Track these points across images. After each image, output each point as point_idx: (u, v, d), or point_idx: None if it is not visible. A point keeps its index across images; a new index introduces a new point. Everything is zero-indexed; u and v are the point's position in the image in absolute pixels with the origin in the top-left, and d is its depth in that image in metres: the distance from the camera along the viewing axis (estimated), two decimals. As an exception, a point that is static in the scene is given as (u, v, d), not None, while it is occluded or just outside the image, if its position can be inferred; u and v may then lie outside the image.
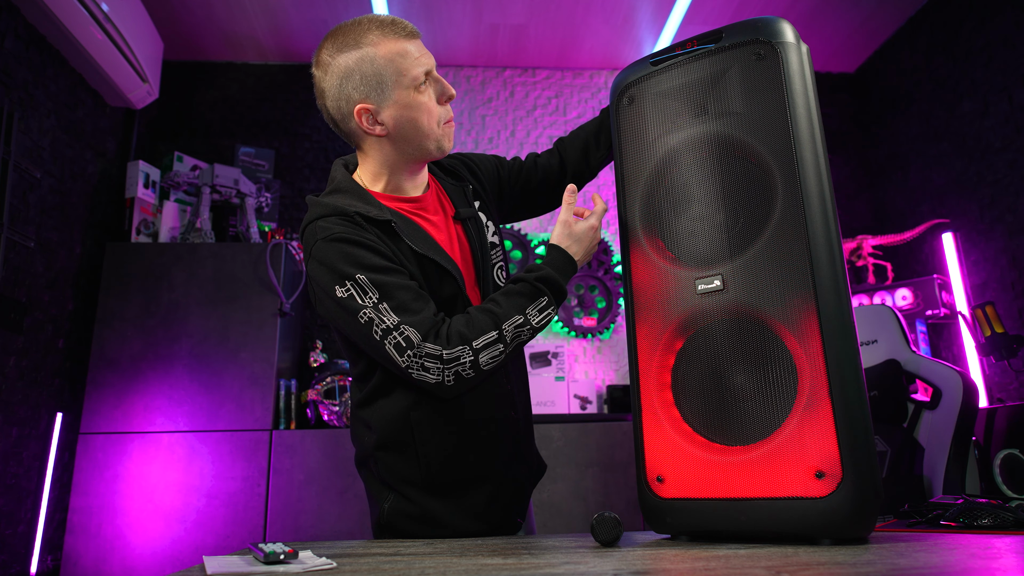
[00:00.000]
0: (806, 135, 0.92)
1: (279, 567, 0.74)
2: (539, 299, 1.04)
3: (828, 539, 0.82)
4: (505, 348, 1.01)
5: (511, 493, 1.17)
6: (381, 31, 1.07)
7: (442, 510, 1.10)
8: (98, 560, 2.35)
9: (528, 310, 1.03)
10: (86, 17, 2.43)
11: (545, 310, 1.04)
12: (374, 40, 1.07)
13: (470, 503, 1.11)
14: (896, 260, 3.36)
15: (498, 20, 3.29)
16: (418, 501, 1.09)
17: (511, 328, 1.01)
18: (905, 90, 3.36)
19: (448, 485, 1.10)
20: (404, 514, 1.10)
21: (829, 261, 0.87)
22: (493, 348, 1.00)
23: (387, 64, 1.06)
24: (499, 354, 1.01)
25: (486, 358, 1.00)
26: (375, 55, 1.06)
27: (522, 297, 1.04)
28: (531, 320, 1.03)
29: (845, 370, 0.84)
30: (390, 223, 1.08)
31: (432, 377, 0.99)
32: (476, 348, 0.99)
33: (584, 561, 0.75)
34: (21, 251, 2.33)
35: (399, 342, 0.99)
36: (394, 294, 1.01)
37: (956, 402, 1.95)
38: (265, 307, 2.64)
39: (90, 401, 2.49)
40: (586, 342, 3.36)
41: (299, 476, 2.49)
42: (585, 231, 1.10)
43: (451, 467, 1.10)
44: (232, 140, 3.43)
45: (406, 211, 1.14)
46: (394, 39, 1.07)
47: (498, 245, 1.22)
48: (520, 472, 1.20)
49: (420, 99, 1.08)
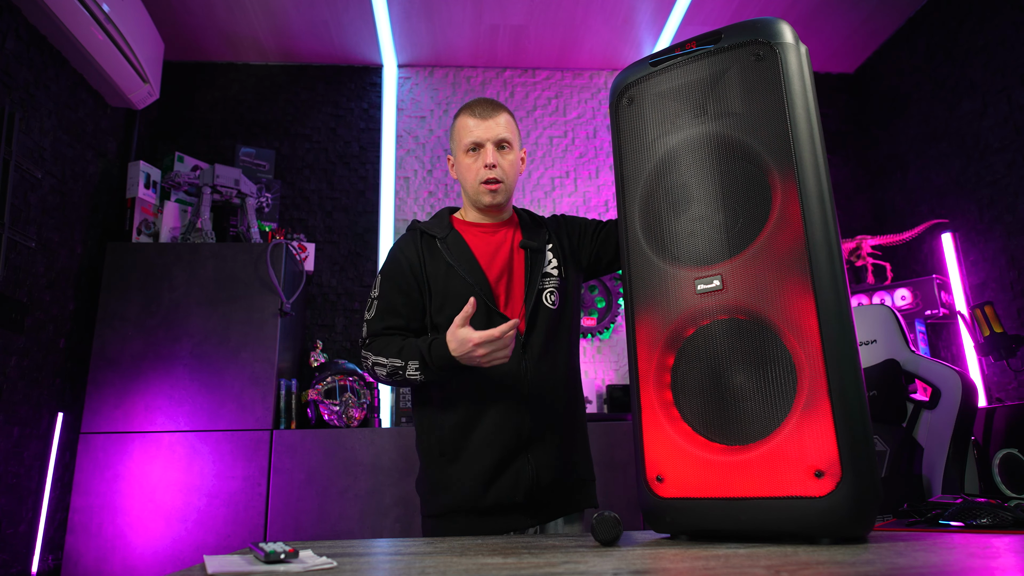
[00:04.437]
0: (805, 135, 0.92)
1: (280, 566, 0.75)
2: (415, 359, 1.34)
3: (827, 538, 0.82)
4: (386, 372, 1.37)
5: (512, 484, 1.32)
6: (468, 108, 1.47)
7: (450, 475, 1.37)
8: (99, 559, 2.35)
9: (408, 362, 1.35)
10: (87, 18, 2.43)
11: (417, 372, 1.35)
12: (462, 113, 1.48)
13: (471, 472, 1.35)
14: (895, 260, 3.36)
15: (498, 21, 3.29)
16: (434, 471, 1.40)
17: (391, 366, 1.37)
18: (904, 90, 3.36)
19: (454, 453, 1.37)
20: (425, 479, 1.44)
21: (828, 261, 0.88)
22: (380, 368, 1.39)
23: (456, 131, 1.49)
24: (384, 374, 1.39)
25: (379, 370, 1.39)
26: (456, 124, 1.49)
27: (412, 350, 1.35)
28: (407, 370, 1.35)
29: (844, 370, 0.84)
30: (435, 238, 1.46)
31: (362, 359, 1.45)
32: (374, 362, 1.40)
33: (584, 560, 0.75)
34: (22, 251, 2.33)
35: (364, 326, 1.46)
36: (384, 298, 1.44)
37: (955, 402, 1.95)
38: (266, 307, 2.64)
39: (91, 401, 2.49)
40: (586, 342, 3.36)
41: (299, 476, 2.50)
42: (463, 339, 1.27)
43: (458, 436, 1.37)
44: (233, 140, 3.43)
45: (470, 233, 1.48)
46: (466, 115, 1.46)
47: (555, 276, 1.47)
48: (526, 468, 1.33)
49: (466, 160, 1.46)
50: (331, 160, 3.48)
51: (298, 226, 3.36)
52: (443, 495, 1.36)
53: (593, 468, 1.49)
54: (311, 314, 3.26)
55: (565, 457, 1.39)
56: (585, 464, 1.46)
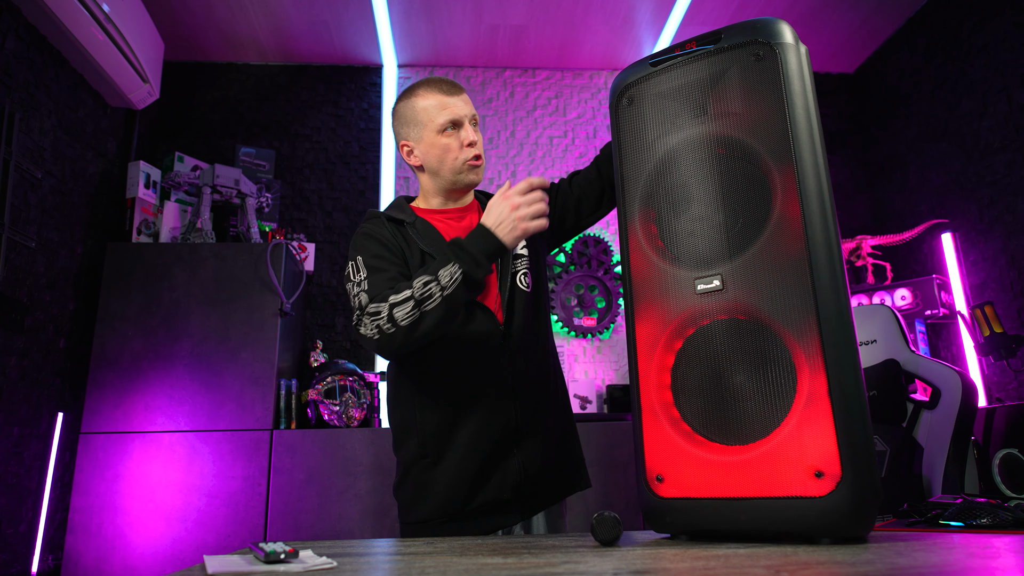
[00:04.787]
0: (805, 135, 0.92)
1: (279, 566, 0.75)
2: (447, 262, 1.18)
3: (827, 538, 0.82)
4: (416, 304, 1.16)
5: (500, 482, 1.26)
6: (427, 86, 1.36)
7: (432, 480, 1.27)
8: (99, 559, 2.35)
9: (439, 271, 1.17)
10: (87, 18, 2.43)
11: (450, 270, 1.17)
12: (420, 92, 1.36)
13: (455, 475, 1.26)
14: (895, 260, 3.36)
15: (498, 21, 3.29)
16: (415, 475, 1.30)
17: (420, 285, 1.17)
18: (904, 90, 3.36)
19: (437, 456, 1.27)
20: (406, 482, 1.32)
21: (828, 261, 0.88)
22: (406, 304, 1.16)
23: (423, 111, 1.35)
24: (411, 309, 1.16)
25: (400, 313, 1.16)
26: (419, 103, 1.35)
27: (436, 263, 1.20)
28: (440, 279, 1.16)
29: (844, 370, 0.84)
30: (403, 223, 1.34)
31: (365, 331, 1.19)
32: (392, 304, 1.17)
33: (584, 560, 0.75)
34: (22, 251, 2.33)
35: (356, 303, 1.23)
36: (374, 274, 1.24)
37: (955, 402, 1.95)
38: (266, 307, 2.64)
39: (91, 401, 2.49)
40: (586, 342, 3.36)
41: (299, 476, 2.50)
42: (496, 203, 1.22)
43: (441, 437, 1.27)
44: (233, 140, 3.44)
45: (436, 220, 1.38)
46: (434, 92, 1.34)
47: (524, 256, 1.39)
48: (514, 463, 1.27)
49: (442, 140, 1.33)
50: (331, 160, 3.48)
51: (298, 226, 3.36)
52: (428, 499, 1.27)
53: (581, 447, 1.42)
54: (311, 314, 3.26)
55: (555, 444, 1.33)
56: (575, 444, 1.40)
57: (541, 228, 1.22)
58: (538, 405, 1.33)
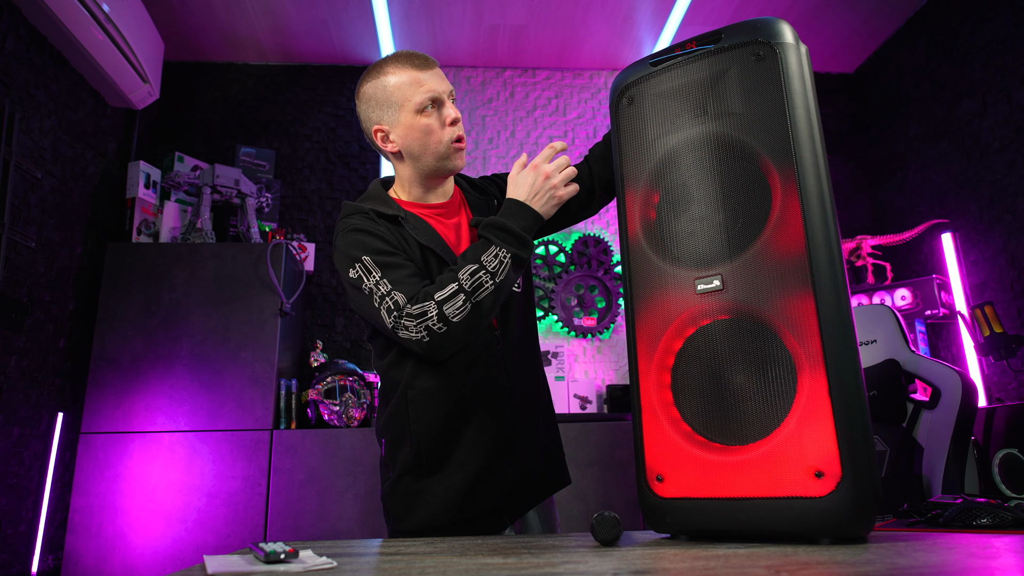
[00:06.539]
0: (805, 135, 0.92)
1: (279, 566, 0.75)
2: (488, 247, 1.12)
3: (827, 538, 0.82)
4: (467, 297, 1.08)
5: (496, 489, 1.22)
6: (396, 62, 1.23)
7: (426, 489, 1.20)
8: (99, 559, 2.35)
9: (482, 258, 1.11)
10: (87, 18, 2.43)
11: (495, 253, 1.12)
12: (390, 70, 1.23)
13: (451, 485, 1.20)
14: (895, 260, 3.36)
15: (498, 21, 3.29)
16: (407, 483, 1.22)
17: (467, 276, 1.10)
18: (904, 90, 3.36)
19: (432, 465, 1.21)
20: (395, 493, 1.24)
21: (828, 261, 0.87)
22: (455, 298, 1.08)
23: (398, 90, 1.22)
24: (462, 303, 1.08)
25: (451, 309, 1.08)
26: (392, 82, 1.22)
27: (475, 249, 1.13)
28: (486, 265, 1.11)
29: (844, 370, 0.84)
30: (397, 217, 1.22)
31: (410, 334, 1.09)
32: (439, 301, 1.08)
33: (584, 560, 0.75)
34: (22, 251, 2.33)
35: (389, 306, 1.11)
36: (392, 271, 1.13)
37: (955, 402, 1.95)
38: (266, 307, 2.64)
39: (91, 401, 2.49)
40: (586, 342, 3.36)
41: (299, 476, 2.50)
42: (524, 175, 1.18)
43: (438, 447, 1.20)
44: (232, 140, 3.44)
45: (424, 215, 1.27)
46: (408, 69, 1.22)
47: None
48: (510, 470, 1.23)
49: (422, 121, 1.21)
50: (331, 160, 3.48)
51: (298, 226, 3.36)
52: (422, 509, 1.20)
53: (562, 443, 1.40)
54: (311, 314, 3.26)
55: (544, 446, 1.31)
56: (559, 442, 1.38)
57: (574, 193, 1.19)
58: (531, 408, 1.30)
